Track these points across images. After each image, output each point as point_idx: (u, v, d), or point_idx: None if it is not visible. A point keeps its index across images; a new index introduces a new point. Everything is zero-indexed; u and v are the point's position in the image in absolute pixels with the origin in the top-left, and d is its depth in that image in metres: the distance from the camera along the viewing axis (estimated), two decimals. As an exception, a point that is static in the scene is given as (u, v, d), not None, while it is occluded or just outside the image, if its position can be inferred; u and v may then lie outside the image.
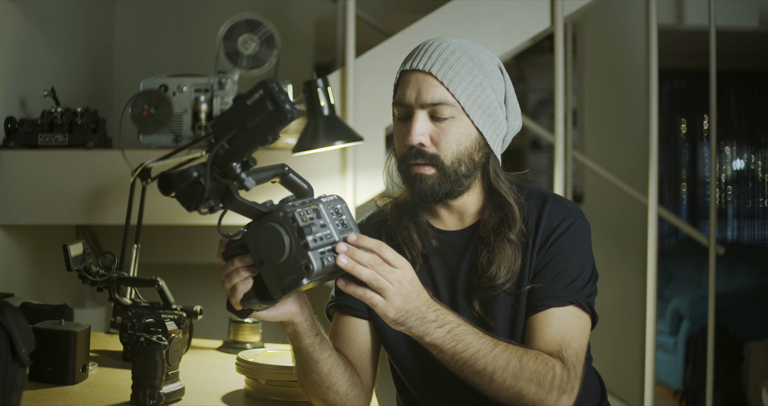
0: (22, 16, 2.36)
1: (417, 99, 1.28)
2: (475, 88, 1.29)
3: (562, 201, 1.35)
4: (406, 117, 1.30)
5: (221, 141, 1.08)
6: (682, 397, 4.26)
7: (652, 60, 2.69)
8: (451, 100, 1.27)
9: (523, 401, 1.17)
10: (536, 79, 4.49)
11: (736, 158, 6.19)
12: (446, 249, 1.35)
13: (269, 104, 1.06)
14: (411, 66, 1.29)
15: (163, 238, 2.92)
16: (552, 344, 1.23)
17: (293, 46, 3.26)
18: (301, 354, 1.26)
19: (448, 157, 1.28)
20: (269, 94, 1.06)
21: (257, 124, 1.07)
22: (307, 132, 2.03)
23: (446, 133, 1.28)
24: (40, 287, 2.51)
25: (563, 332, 1.24)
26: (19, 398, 1.08)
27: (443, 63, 1.28)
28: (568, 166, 3.65)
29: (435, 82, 1.27)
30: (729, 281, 4.67)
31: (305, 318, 1.23)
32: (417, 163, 1.28)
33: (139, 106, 2.26)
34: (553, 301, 1.26)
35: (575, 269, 1.28)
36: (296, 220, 1.10)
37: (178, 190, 1.09)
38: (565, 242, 1.29)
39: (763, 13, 3.99)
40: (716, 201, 5.19)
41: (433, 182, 1.28)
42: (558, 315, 1.25)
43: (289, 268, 1.10)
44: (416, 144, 1.27)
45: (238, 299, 1.16)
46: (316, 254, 1.10)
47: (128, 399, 1.40)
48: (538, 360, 1.19)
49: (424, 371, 1.35)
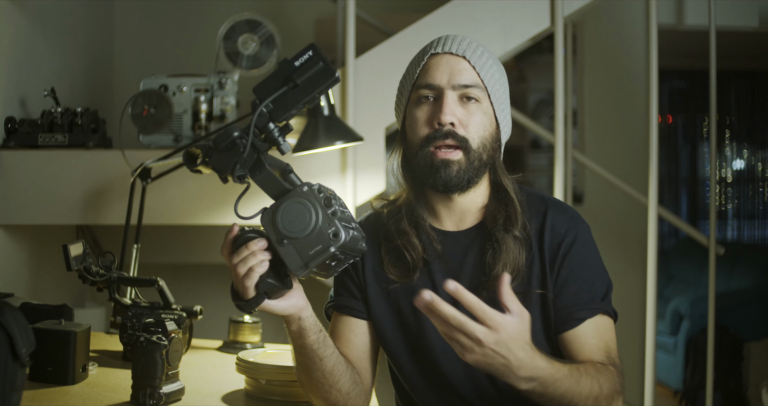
0: (22, 16, 2.36)
1: (449, 80, 1.29)
2: (498, 80, 1.32)
3: (562, 207, 1.35)
4: (434, 98, 1.30)
5: (267, 100, 1.15)
6: (682, 397, 4.26)
7: (652, 60, 2.69)
8: (481, 85, 1.30)
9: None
10: (536, 79, 4.49)
11: (736, 158, 6.19)
12: (447, 251, 1.34)
13: (320, 61, 1.15)
14: (443, 49, 1.31)
15: (163, 238, 2.92)
16: (600, 353, 1.28)
17: (293, 46, 3.23)
18: (305, 352, 1.25)
19: (475, 141, 1.28)
20: (318, 53, 1.15)
21: (306, 81, 1.15)
22: (307, 132, 2.03)
23: (474, 117, 1.29)
24: (40, 287, 2.51)
25: (605, 340, 1.29)
26: (19, 398, 1.08)
27: (473, 51, 1.31)
28: (568, 166, 3.65)
29: (467, 66, 1.29)
30: (729, 281, 4.67)
31: (310, 314, 1.23)
32: (445, 146, 1.28)
33: (139, 106, 2.27)
34: (586, 313, 1.29)
35: (595, 278, 1.31)
36: (323, 191, 1.14)
37: (213, 153, 1.15)
38: (578, 251, 1.31)
39: (763, 13, 4.00)
40: (716, 201, 5.19)
41: (459, 168, 1.28)
42: (594, 325, 1.29)
43: (314, 239, 1.13)
44: (448, 123, 1.27)
45: (254, 282, 1.15)
46: (342, 223, 1.13)
47: (128, 399, 1.40)
48: (608, 375, 1.23)
49: (422, 372, 1.35)
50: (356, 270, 1.39)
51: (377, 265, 1.36)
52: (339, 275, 1.41)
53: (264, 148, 1.17)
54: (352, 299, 1.39)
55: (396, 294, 1.35)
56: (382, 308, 1.36)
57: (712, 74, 3.03)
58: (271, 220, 1.14)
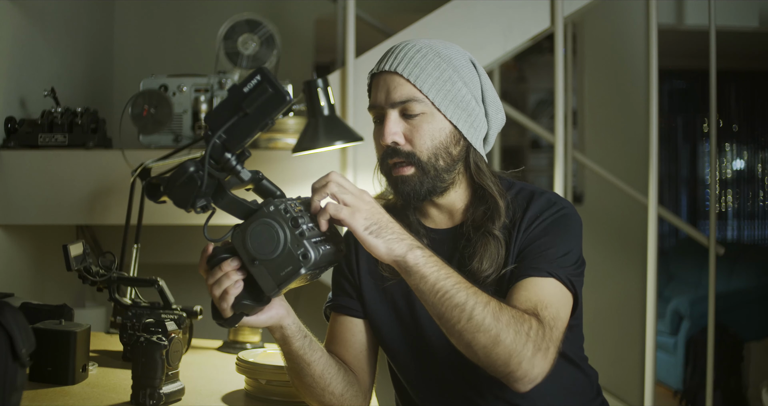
0: (22, 16, 2.36)
1: (387, 99, 1.29)
2: (444, 82, 1.29)
3: (549, 194, 1.34)
4: (380, 119, 1.31)
5: (219, 131, 1.10)
6: (682, 397, 4.26)
7: (652, 60, 2.69)
8: (419, 96, 1.28)
9: (499, 348, 1.09)
10: (536, 79, 4.49)
11: (736, 158, 6.19)
12: (437, 247, 1.34)
13: (269, 87, 1.09)
14: (378, 69, 1.31)
15: (163, 238, 2.91)
16: (527, 304, 1.18)
17: (293, 46, 3.26)
18: (292, 358, 1.26)
19: (423, 153, 1.28)
20: (267, 78, 1.10)
21: (257, 109, 1.10)
22: (307, 132, 2.03)
23: (419, 130, 1.28)
24: (40, 287, 2.51)
25: (540, 296, 1.20)
26: (19, 398, 1.08)
27: (409, 61, 1.29)
28: (568, 166, 3.65)
29: (402, 81, 1.28)
30: (729, 281, 4.67)
31: (292, 321, 1.23)
32: (395, 164, 1.29)
33: (139, 106, 2.27)
34: (533, 271, 1.23)
35: (559, 250, 1.25)
36: (289, 211, 1.11)
37: (172, 189, 1.11)
38: (549, 225, 1.28)
39: (763, 13, 4.00)
40: (716, 201, 5.19)
41: (414, 182, 1.28)
42: (535, 282, 1.22)
43: (284, 261, 1.10)
44: (390, 143, 1.28)
45: (230, 304, 1.14)
46: (311, 242, 1.10)
47: (128, 399, 1.40)
48: (515, 311, 1.14)
49: (421, 370, 1.35)
50: (351, 269, 1.40)
51: (372, 263, 1.37)
52: (335, 275, 1.42)
53: (223, 177, 1.13)
54: (348, 298, 1.39)
55: (391, 291, 1.35)
56: (378, 305, 1.37)
57: (712, 74, 3.03)
58: (241, 241, 1.13)
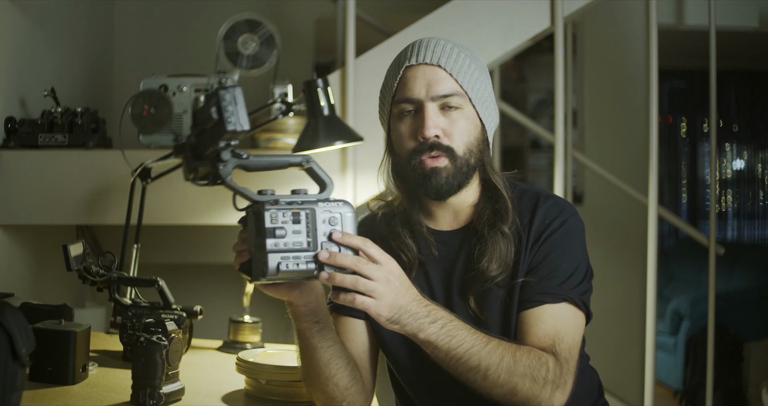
0: (22, 16, 2.36)
1: (428, 92, 1.28)
2: (476, 80, 1.31)
3: (555, 199, 1.35)
4: (415, 111, 1.30)
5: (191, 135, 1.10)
6: (682, 397, 4.26)
7: (652, 60, 2.69)
8: (461, 91, 1.29)
9: (517, 397, 1.17)
10: (536, 79, 4.48)
11: (736, 158, 6.19)
12: (442, 250, 1.35)
13: (214, 113, 1.05)
14: (417, 60, 1.30)
15: (163, 238, 2.91)
16: (545, 340, 1.23)
17: (293, 46, 3.26)
18: (299, 336, 1.27)
19: (460, 148, 1.29)
20: (217, 103, 1.05)
21: (203, 132, 1.08)
22: (307, 132, 2.03)
23: (457, 125, 1.29)
24: (40, 287, 2.51)
25: (557, 328, 1.24)
26: (19, 398, 1.08)
27: (449, 56, 1.29)
28: (568, 166, 3.65)
29: (445, 74, 1.28)
30: (729, 281, 4.67)
31: (304, 303, 1.21)
32: (431, 157, 1.28)
33: (139, 106, 2.26)
34: (548, 297, 1.26)
35: (569, 266, 1.28)
36: (264, 220, 1.08)
37: None
38: (558, 239, 1.29)
39: (763, 13, 4.00)
40: (716, 201, 5.19)
41: (448, 174, 1.28)
42: (552, 311, 1.25)
43: (257, 261, 1.10)
44: (432, 136, 1.27)
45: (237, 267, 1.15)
46: (276, 256, 1.07)
47: (128, 399, 1.40)
48: (531, 355, 1.19)
49: (421, 372, 1.35)
50: None
51: None
52: None
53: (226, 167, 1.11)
54: None
55: None
56: None
57: (712, 74, 3.03)
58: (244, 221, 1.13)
